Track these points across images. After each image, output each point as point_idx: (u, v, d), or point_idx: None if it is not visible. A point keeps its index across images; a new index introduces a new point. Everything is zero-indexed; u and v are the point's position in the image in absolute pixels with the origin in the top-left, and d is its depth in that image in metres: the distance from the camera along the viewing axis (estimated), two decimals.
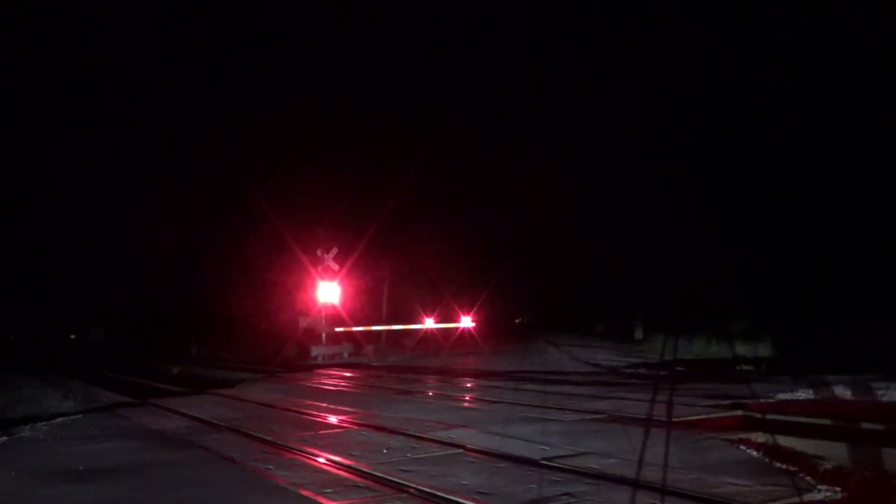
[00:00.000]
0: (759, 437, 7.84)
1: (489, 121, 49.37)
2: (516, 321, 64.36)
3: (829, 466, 6.71)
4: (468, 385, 15.49)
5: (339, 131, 40.81)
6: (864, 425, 7.74)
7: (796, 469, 6.18)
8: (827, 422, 8.16)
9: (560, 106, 44.30)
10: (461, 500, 5.18)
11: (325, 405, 11.41)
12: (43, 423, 10.31)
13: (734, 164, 33.19)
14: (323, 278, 26.85)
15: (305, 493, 5.56)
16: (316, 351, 25.99)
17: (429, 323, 36.20)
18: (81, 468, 6.76)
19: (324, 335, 26.81)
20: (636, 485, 5.48)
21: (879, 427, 7.58)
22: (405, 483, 5.70)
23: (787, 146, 31.20)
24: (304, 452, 7.22)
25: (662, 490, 5.30)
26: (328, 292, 26.91)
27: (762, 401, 10.10)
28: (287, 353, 28.58)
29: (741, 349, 22.42)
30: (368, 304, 34.65)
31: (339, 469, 6.46)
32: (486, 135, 47.65)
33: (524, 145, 46.56)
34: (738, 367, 17.35)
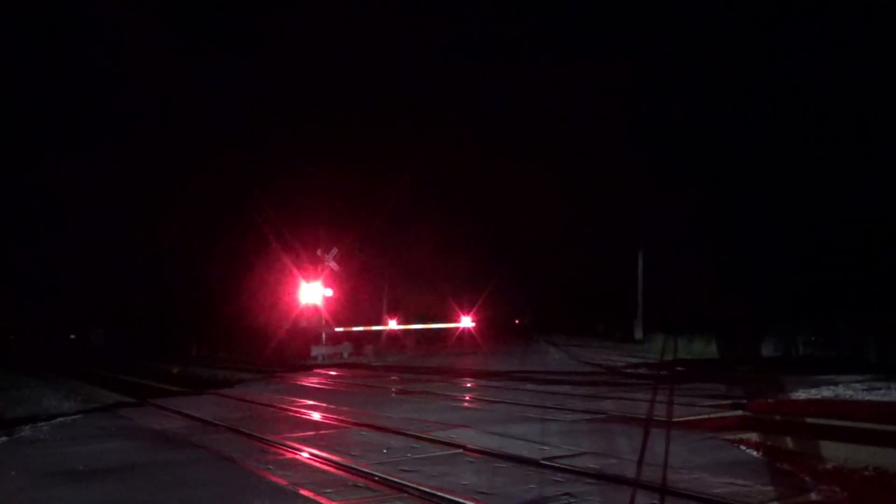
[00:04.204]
0: (759, 437, 7.84)
1: (489, 120, 49.37)
2: (516, 321, 64.32)
3: (829, 466, 6.71)
4: (468, 385, 15.49)
5: (338, 132, 40.80)
6: (864, 425, 7.74)
7: (796, 469, 6.18)
8: (827, 422, 8.17)
9: (560, 104, 44.28)
10: (461, 500, 5.18)
11: (325, 405, 11.41)
12: (43, 423, 10.30)
13: (734, 162, 33.17)
14: (323, 278, 26.85)
15: (305, 493, 5.56)
16: (316, 351, 25.99)
17: (429, 323, 36.21)
18: (81, 468, 6.75)
19: (324, 335, 26.81)
20: (636, 485, 5.47)
21: (879, 427, 7.58)
22: (405, 483, 5.70)
23: (787, 145, 31.18)
24: (304, 452, 7.22)
25: (662, 490, 5.30)
26: (328, 292, 26.91)
27: (762, 401, 10.10)
28: (287, 353, 28.58)
29: (742, 349, 22.42)
30: (368, 304, 34.66)
31: (339, 469, 6.45)
32: (486, 134, 47.63)
33: (524, 144, 46.56)
34: (738, 367, 17.34)
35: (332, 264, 26.98)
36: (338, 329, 27.86)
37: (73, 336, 64.60)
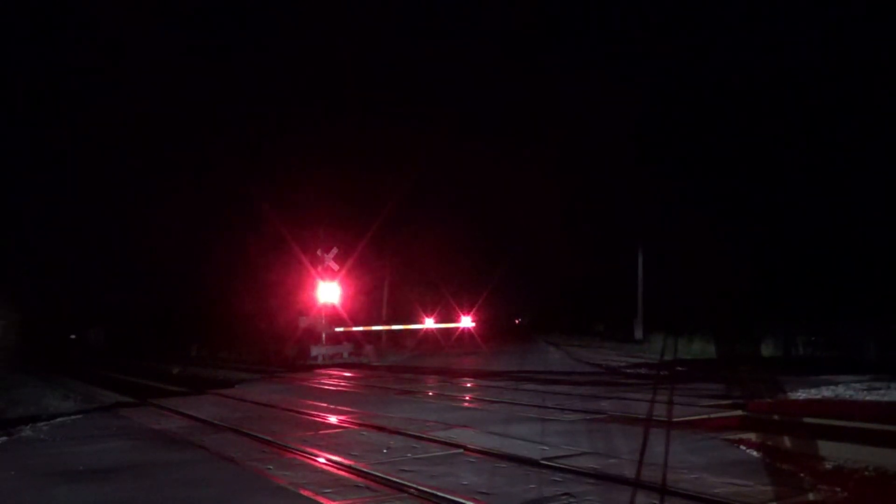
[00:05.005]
0: (759, 437, 7.84)
1: (489, 120, 49.37)
2: (516, 321, 64.34)
3: (829, 466, 6.71)
4: (468, 385, 15.49)
5: (338, 131, 40.80)
6: (864, 425, 7.74)
7: (796, 469, 6.18)
8: (827, 422, 8.17)
9: (560, 104, 44.30)
10: (461, 500, 5.18)
11: (325, 405, 11.42)
12: (43, 423, 10.30)
13: (734, 162, 33.20)
14: (323, 278, 26.84)
15: (305, 493, 5.56)
16: (316, 351, 25.97)
17: (429, 323, 36.20)
18: (81, 468, 6.76)
19: (324, 335, 26.79)
20: (636, 485, 5.48)
21: (879, 427, 7.58)
22: (405, 483, 5.70)
23: (788, 146, 31.22)
24: (304, 452, 7.22)
25: (662, 490, 5.30)
26: (328, 292, 26.90)
27: (762, 401, 10.11)
28: (287, 353, 28.58)
29: (742, 349, 22.43)
30: (368, 304, 34.64)
31: (339, 469, 6.46)
32: (487, 134, 47.64)
33: (524, 145, 46.57)
34: (738, 367, 17.34)
35: (332, 264, 26.96)
36: (338, 329, 27.83)
37: (73, 336, 64.56)
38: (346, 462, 6.64)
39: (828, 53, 29.18)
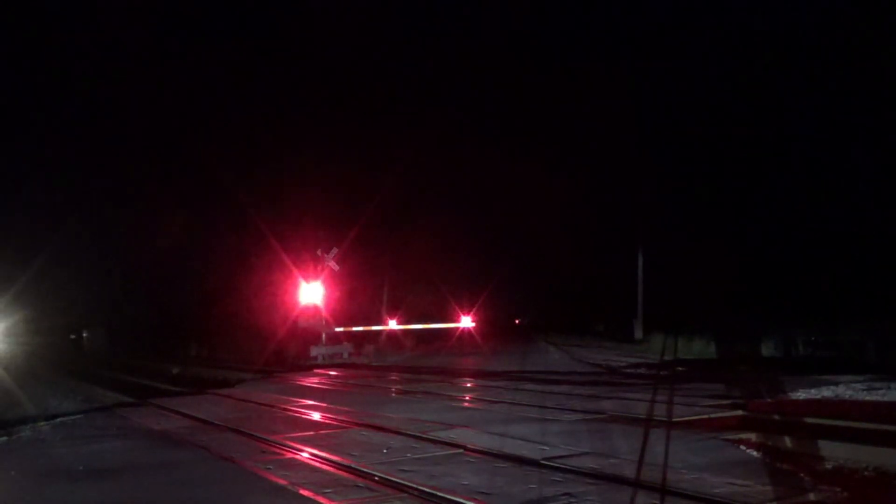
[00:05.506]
0: (759, 437, 7.84)
1: (490, 120, 49.38)
2: (516, 321, 64.28)
3: (829, 466, 6.71)
4: (468, 385, 15.49)
5: (338, 131, 40.82)
6: (864, 425, 7.74)
7: (796, 469, 6.18)
8: (827, 422, 8.16)
9: (561, 104, 44.27)
10: (461, 501, 5.18)
11: (324, 405, 11.42)
12: (43, 423, 10.32)
13: (735, 162, 33.19)
14: (323, 278, 26.85)
15: (305, 493, 5.56)
16: (316, 351, 25.97)
17: (429, 323, 36.19)
18: (81, 468, 6.76)
19: (324, 335, 26.80)
20: (636, 485, 5.48)
21: (879, 427, 7.58)
22: (405, 483, 5.70)
23: (787, 145, 31.24)
24: (304, 452, 7.22)
25: (662, 490, 5.30)
26: (328, 292, 26.92)
27: (762, 401, 10.11)
28: (287, 353, 28.57)
29: (742, 349, 22.41)
30: (368, 304, 34.66)
31: (339, 469, 6.46)
32: (487, 134, 47.63)
33: (525, 144, 46.56)
34: (738, 367, 17.34)
35: (332, 264, 26.96)
36: (338, 329, 27.83)
37: (72, 336, 64.55)
38: (346, 462, 6.65)
39: (829, 52, 29.20)
